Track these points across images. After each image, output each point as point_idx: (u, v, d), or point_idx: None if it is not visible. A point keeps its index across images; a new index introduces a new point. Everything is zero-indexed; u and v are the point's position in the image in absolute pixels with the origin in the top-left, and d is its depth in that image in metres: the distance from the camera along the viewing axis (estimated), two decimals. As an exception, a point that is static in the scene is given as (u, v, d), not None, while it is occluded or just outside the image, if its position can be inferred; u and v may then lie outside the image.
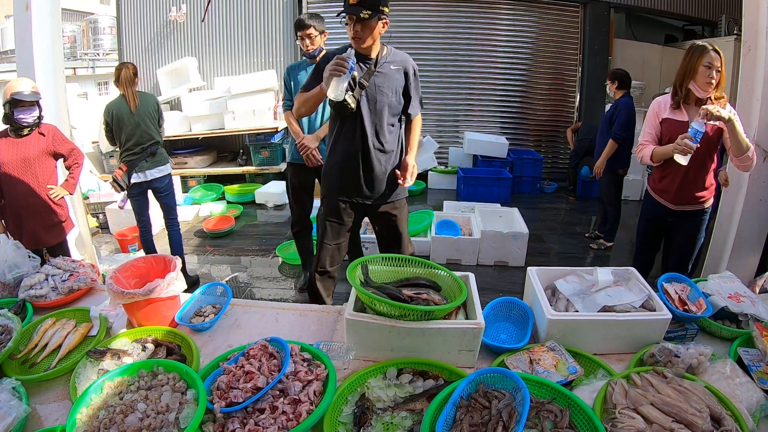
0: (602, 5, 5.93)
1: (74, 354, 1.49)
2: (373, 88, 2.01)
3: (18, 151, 2.51)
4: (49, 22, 2.88)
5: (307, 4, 6.04)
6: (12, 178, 2.51)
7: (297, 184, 2.99)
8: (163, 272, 1.65)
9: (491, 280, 3.55)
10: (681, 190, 2.23)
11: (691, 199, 2.24)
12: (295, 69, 2.87)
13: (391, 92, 2.03)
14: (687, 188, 2.21)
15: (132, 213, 3.39)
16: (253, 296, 3.34)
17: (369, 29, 1.89)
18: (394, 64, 2.04)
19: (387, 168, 2.12)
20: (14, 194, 2.54)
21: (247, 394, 1.13)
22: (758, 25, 2.33)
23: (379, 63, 2.00)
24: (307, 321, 1.68)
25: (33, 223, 2.60)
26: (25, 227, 2.59)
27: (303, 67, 2.85)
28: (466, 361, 1.38)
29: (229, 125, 5.66)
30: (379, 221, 2.27)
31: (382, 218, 2.24)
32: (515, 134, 6.37)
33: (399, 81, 2.05)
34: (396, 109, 2.08)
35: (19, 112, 2.45)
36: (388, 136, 2.09)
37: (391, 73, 2.03)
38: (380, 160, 2.10)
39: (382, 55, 2.02)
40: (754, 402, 1.19)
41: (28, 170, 2.55)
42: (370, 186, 2.14)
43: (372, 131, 2.05)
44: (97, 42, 9.41)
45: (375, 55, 2.00)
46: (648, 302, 1.51)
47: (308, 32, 2.71)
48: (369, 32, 1.90)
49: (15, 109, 2.44)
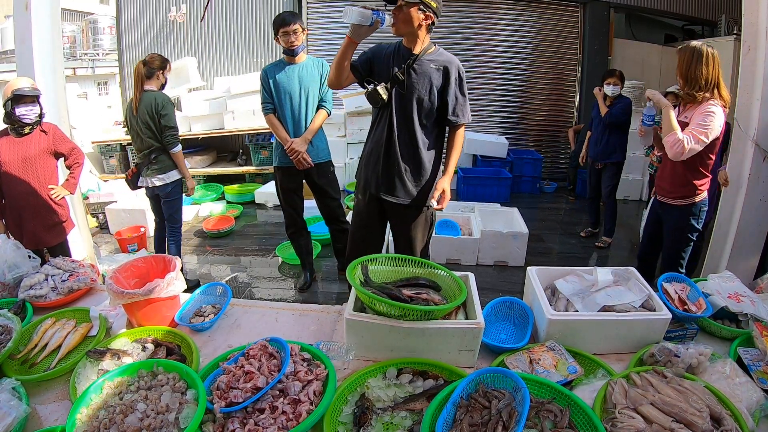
0: (602, 5, 5.93)
1: (74, 354, 1.49)
2: (409, 83, 1.95)
3: (19, 150, 2.49)
4: (48, 22, 2.88)
5: (306, 4, 6.04)
6: (13, 177, 2.49)
7: (286, 186, 2.98)
8: (163, 272, 1.65)
9: (491, 280, 3.55)
10: (663, 179, 2.33)
11: (676, 192, 2.27)
12: (272, 69, 2.79)
13: (423, 90, 1.97)
14: (672, 180, 2.27)
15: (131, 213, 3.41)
16: (253, 296, 3.33)
17: (405, 17, 1.85)
18: (435, 63, 1.97)
19: (410, 168, 2.06)
20: (15, 194, 2.53)
21: (247, 394, 1.13)
22: (758, 25, 2.33)
23: (418, 59, 1.95)
24: (307, 321, 1.68)
25: (34, 223, 2.58)
26: (26, 227, 2.57)
27: (281, 67, 2.79)
28: (466, 361, 1.38)
29: (229, 125, 5.66)
30: (392, 221, 2.25)
31: (395, 219, 2.20)
32: (515, 134, 6.36)
33: (436, 81, 1.97)
34: (427, 108, 2.00)
35: (20, 109, 2.43)
36: (419, 134, 2.02)
37: (429, 72, 1.96)
38: (403, 156, 2.04)
39: (428, 52, 1.97)
40: (754, 402, 1.19)
41: (29, 169, 2.54)
42: (388, 180, 2.08)
43: (400, 126, 2.01)
44: (97, 42, 9.42)
45: (418, 51, 1.96)
46: (648, 302, 1.51)
47: (294, 28, 2.67)
48: (404, 20, 1.85)
49: (16, 106, 2.42)
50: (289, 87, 2.78)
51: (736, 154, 2.49)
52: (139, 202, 4.52)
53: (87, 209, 4.12)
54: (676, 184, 2.26)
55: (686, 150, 2.02)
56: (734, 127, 2.51)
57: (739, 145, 2.47)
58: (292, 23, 2.66)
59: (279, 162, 2.93)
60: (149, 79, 2.99)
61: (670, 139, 2.05)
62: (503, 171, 5.52)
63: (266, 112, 2.84)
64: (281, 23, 2.68)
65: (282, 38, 2.70)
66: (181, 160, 3.04)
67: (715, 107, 2.04)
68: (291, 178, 2.96)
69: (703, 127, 2.02)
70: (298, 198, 3.06)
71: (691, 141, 2.02)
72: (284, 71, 2.78)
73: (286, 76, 2.78)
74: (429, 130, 2.06)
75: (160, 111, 2.91)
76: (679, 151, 2.04)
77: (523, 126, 6.41)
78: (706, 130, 2.01)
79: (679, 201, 2.28)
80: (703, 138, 2.02)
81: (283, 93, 2.79)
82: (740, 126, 2.44)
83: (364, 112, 5.60)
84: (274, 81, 2.78)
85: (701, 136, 2.02)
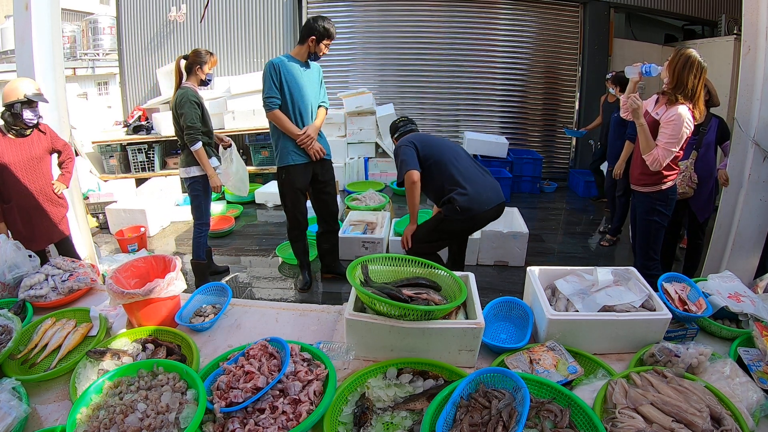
0: (602, 5, 5.93)
1: (74, 354, 1.49)
2: None
3: (23, 151, 2.53)
4: (48, 22, 2.88)
5: (307, 4, 6.05)
6: (20, 178, 2.53)
7: (299, 186, 2.94)
8: (163, 272, 1.65)
9: (491, 280, 3.55)
10: (634, 168, 2.49)
11: (643, 179, 2.44)
12: (284, 65, 2.74)
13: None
14: (640, 168, 2.42)
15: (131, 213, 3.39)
16: (253, 296, 3.33)
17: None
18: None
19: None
20: (23, 194, 2.56)
21: (247, 394, 1.13)
22: (758, 25, 2.33)
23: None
24: (307, 321, 1.68)
25: (45, 220, 2.65)
26: (38, 225, 2.62)
27: (295, 65, 2.77)
28: (466, 360, 1.38)
29: (229, 125, 5.66)
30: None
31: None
32: (515, 134, 6.37)
33: None
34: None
35: (28, 113, 2.47)
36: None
37: None
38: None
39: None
40: (754, 401, 1.19)
41: (35, 169, 2.58)
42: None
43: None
44: (97, 42, 9.42)
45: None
46: (648, 302, 1.51)
47: (331, 42, 2.79)
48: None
49: (25, 110, 2.46)
50: (303, 86, 2.79)
51: (736, 154, 2.49)
52: (139, 202, 4.53)
53: (87, 209, 4.11)
54: (644, 173, 2.41)
55: (663, 164, 2.28)
56: (734, 127, 2.51)
57: (739, 145, 2.47)
58: (333, 36, 2.77)
59: (292, 160, 2.86)
60: (188, 74, 2.98)
61: (648, 158, 2.31)
62: (503, 171, 5.52)
63: (272, 108, 2.75)
64: (330, 35, 2.76)
65: (323, 46, 2.76)
66: (201, 157, 2.98)
67: (681, 108, 2.18)
68: (305, 176, 2.93)
69: (673, 137, 2.22)
70: (304, 198, 3.04)
71: (665, 156, 2.26)
72: (295, 69, 2.77)
73: (301, 75, 2.79)
74: None
75: (179, 109, 2.93)
76: (657, 167, 2.30)
77: (523, 126, 6.41)
78: (675, 140, 2.22)
79: (647, 188, 2.44)
80: (674, 149, 2.24)
81: (296, 91, 2.77)
82: (740, 126, 2.44)
83: (365, 112, 5.61)
84: (288, 78, 2.75)
85: (672, 147, 2.24)
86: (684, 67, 2.19)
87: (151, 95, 6.34)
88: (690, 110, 2.21)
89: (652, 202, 2.44)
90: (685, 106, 2.20)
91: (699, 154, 2.89)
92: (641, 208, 2.52)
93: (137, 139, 5.51)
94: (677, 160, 2.38)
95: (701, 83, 2.21)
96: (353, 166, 5.67)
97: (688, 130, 2.20)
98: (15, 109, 2.45)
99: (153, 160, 5.60)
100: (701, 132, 2.89)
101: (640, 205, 2.52)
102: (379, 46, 6.14)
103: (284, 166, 2.89)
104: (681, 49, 2.26)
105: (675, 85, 2.23)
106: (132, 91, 6.45)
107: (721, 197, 2.64)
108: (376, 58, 6.19)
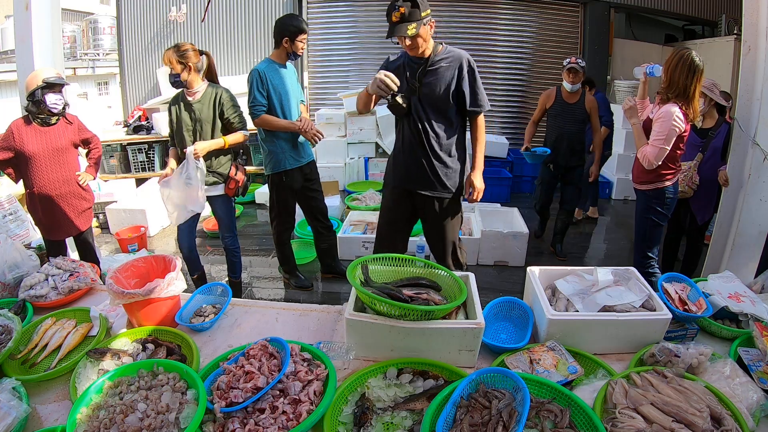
0: (602, 5, 5.94)
1: (74, 354, 1.49)
2: (426, 88, 2.09)
3: (49, 141, 2.54)
4: (49, 22, 2.88)
5: (307, 4, 6.04)
6: (44, 167, 2.54)
7: (297, 187, 2.97)
8: (163, 272, 1.65)
9: (491, 280, 3.55)
10: (635, 167, 2.52)
11: (642, 177, 2.47)
12: (268, 71, 2.75)
13: (439, 90, 2.08)
14: (640, 167, 2.44)
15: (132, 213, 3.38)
16: (253, 296, 3.34)
17: (419, 38, 1.98)
18: (446, 61, 2.08)
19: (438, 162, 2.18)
20: (46, 183, 2.56)
21: (247, 394, 1.13)
22: (758, 25, 2.33)
23: (430, 62, 2.07)
24: (307, 321, 1.68)
25: (68, 210, 2.66)
26: (59, 216, 2.62)
27: (276, 69, 2.80)
28: (466, 360, 1.38)
29: (229, 125, 5.65)
30: (423, 215, 2.34)
31: (426, 212, 2.30)
32: (515, 134, 6.37)
33: (451, 78, 2.08)
34: (445, 105, 2.12)
35: (50, 97, 2.46)
36: (441, 130, 2.15)
37: (442, 71, 2.08)
38: (432, 152, 2.16)
39: (436, 53, 2.08)
40: (754, 401, 1.19)
41: (60, 159, 2.58)
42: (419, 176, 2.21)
43: (423, 126, 2.13)
44: (97, 42, 9.43)
45: (428, 55, 2.07)
46: (648, 302, 1.51)
47: (306, 36, 2.79)
48: (420, 40, 1.99)
49: (46, 95, 2.46)
50: (288, 88, 2.85)
51: (736, 154, 2.49)
52: (140, 202, 4.53)
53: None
54: (643, 171, 2.44)
55: (653, 162, 2.31)
56: (734, 127, 2.51)
57: (739, 145, 2.47)
58: (306, 32, 2.78)
59: (289, 164, 2.90)
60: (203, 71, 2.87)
61: (639, 155, 2.38)
62: (503, 171, 5.52)
63: (259, 113, 2.80)
64: (302, 30, 2.76)
65: (299, 44, 2.77)
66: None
67: (671, 107, 2.20)
68: (301, 177, 2.98)
69: (661, 134, 2.25)
70: (293, 201, 3.09)
71: (654, 152, 2.29)
72: (279, 73, 2.82)
73: (282, 78, 2.82)
74: (450, 124, 2.18)
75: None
76: (647, 164, 2.33)
77: (523, 126, 6.40)
78: (663, 136, 2.25)
79: (645, 186, 2.47)
80: (663, 145, 2.26)
81: (284, 94, 2.83)
82: (740, 126, 2.44)
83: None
84: (275, 83, 2.79)
85: (660, 144, 2.27)
86: (676, 66, 2.21)
87: (151, 95, 6.33)
88: (681, 109, 2.23)
89: (649, 200, 2.47)
90: (675, 104, 2.22)
91: (704, 157, 2.89)
92: (639, 205, 2.56)
93: (137, 139, 5.52)
94: (676, 160, 2.39)
95: (696, 83, 2.21)
96: (353, 166, 5.66)
97: (677, 127, 2.22)
98: (37, 96, 2.45)
99: (153, 160, 5.60)
100: (709, 135, 2.87)
101: (638, 203, 2.56)
102: (379, 46, 6.14)
103: (283, 171, 2.93)
104: (678, 49, 2.28)
105: (668, 85, 2.26)
106: (132, 91, 6.45)
107: (721, 197, 2.64)
108: (376, 58, 6.19)
